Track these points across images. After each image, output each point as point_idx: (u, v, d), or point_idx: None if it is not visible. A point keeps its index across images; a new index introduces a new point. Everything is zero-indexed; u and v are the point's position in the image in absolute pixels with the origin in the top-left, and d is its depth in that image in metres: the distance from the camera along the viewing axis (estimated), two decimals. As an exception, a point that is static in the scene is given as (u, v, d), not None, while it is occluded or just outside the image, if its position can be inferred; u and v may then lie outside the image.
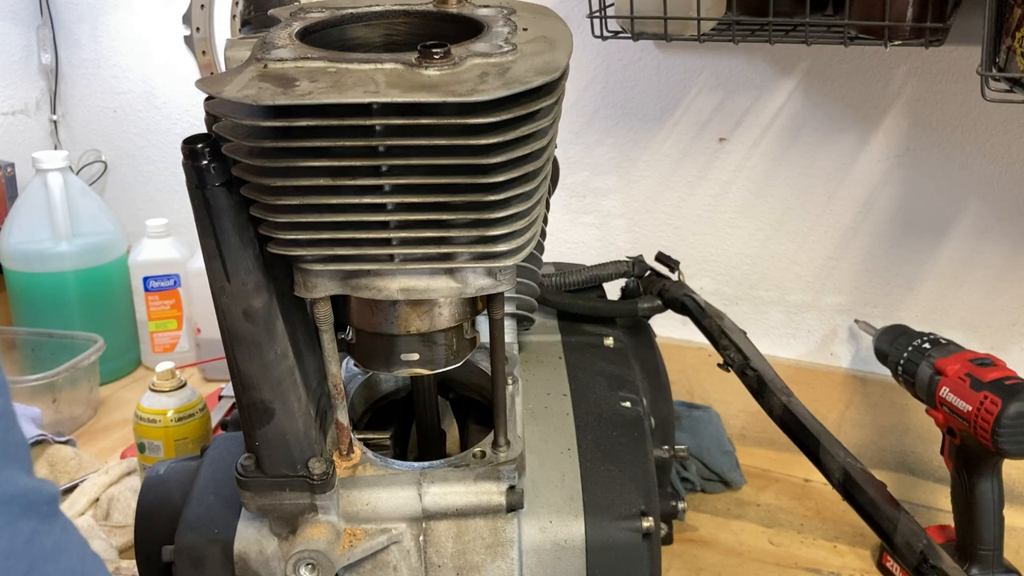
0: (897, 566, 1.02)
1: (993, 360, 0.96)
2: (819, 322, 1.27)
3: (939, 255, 1.17)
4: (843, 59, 1.15)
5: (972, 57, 1.01)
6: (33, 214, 1.41)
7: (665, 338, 1.12)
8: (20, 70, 1.63)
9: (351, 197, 0.57)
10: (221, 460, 0.76)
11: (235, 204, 0.58)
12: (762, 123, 1.22)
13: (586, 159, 1.32)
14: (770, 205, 1.25)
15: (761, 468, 1.24)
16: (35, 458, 1.18)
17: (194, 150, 0.56)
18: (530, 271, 0.87)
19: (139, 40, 1.58)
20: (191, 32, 1.51)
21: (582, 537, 0.69)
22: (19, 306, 1.45)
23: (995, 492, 0.96)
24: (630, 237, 1.34)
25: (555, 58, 0.58)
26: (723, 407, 1.27)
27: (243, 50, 0.61)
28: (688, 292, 1.00)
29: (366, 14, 0.68)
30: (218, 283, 0.60)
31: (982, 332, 1.17)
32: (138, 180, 1.67)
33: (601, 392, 0.83)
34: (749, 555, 1.08)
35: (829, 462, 0.83)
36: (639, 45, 1.23)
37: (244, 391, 0.64)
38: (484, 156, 0.55)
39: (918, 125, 1.14)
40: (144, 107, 1.62)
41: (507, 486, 0.68)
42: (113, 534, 1.06)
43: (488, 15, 0.65)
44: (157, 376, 1.10)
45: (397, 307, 0.65)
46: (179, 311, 1.48)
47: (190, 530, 0.70)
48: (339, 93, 0.53)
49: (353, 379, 0.80)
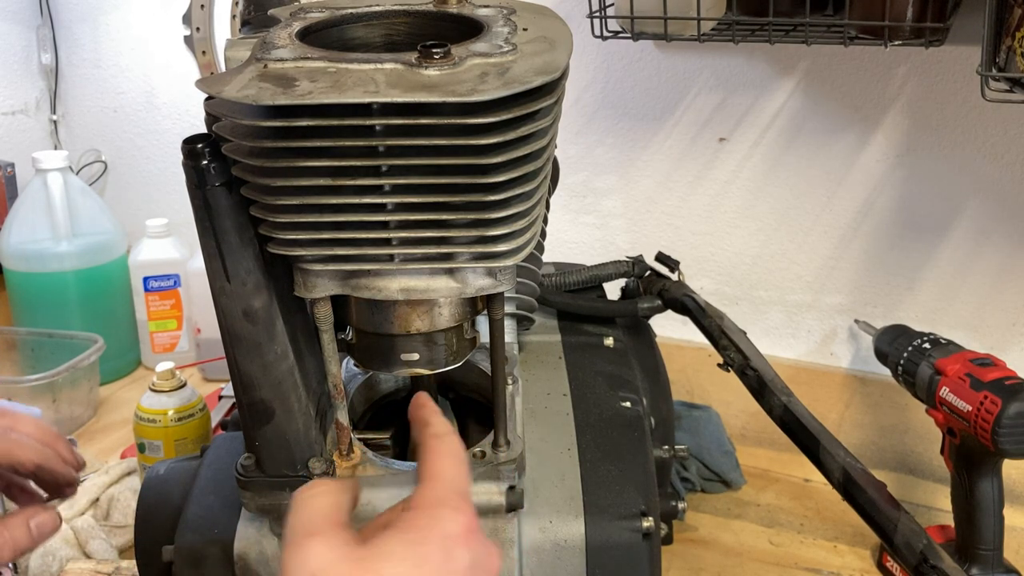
0: (897, 566, 1.02)
1: (993, 360, 0.96)
2: (819, 322, 1.27)
3: (939, 255, 1.17)
4: (843, 59, 1.15)
5: (972, 57, 1.01)
6: (33, 214, 1.41)
7: (665, 338, 1.12)
8: (20, 70, 1.63)
9: (351, 197, 0.57)
10: (221, 460, 0.76)
11: (235, 204, 0.58)
12: (762, 123, 1.22)
13: (586, 159, 1.32)
14: (770, 205, 1.25)
15: (761, 468, 1.24)
16: (35, 458, 1.18)
17: (194, 150, 0.56)
18: (530, 271, 0.87)
19: (139, 40, 1.58)
20: (191, 32, 1.51)
21: (582, 537, 0.69)
22: (19, 306, 1.45)
23: (995, 492, 0.96)
24: (630, 237, 1.34)
25: (555, 58, 0.58)
26: (723, 407, 1.27)
27: (243, 50, 0.61)
28: (688, 292, 1.00)
29: (366, 14, 0.68)
30: (218, 283, 0.60)
31: (982, 332, 1.17)
32: (138, 180, 1.67)
33: (601, 392, 0.83)
34: (749, 555, 1.08)
35: (829, 462, 0.83)
36: (639, 45, 1.23)
37: (244, 391, 0.64)
38: (484, 156, 0.55)
39: (918, 125, 1.14)
40: (144, 107, 1.62)
41: (507, 486, 0.68)
42: (113, 534, 1.06)
43: (488, 15, 0.65)
44: (157, 376, 1.10)
45: (397, 307, 0.65)
46: (179, 311, 1.48)
47: (190, 530, 0.70)
48: (339, 93, 0.53)
49: (353, 379, 0.80)
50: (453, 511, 0.52)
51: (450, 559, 0.50)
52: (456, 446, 0.57)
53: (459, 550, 0.50)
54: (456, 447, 0.57)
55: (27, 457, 0.71)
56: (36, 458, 0.72)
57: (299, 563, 0.48)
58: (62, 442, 0.75)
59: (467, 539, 0.51)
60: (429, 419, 0.60)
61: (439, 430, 0.58)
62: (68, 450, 0.75)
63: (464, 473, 0.56)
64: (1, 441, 0.71)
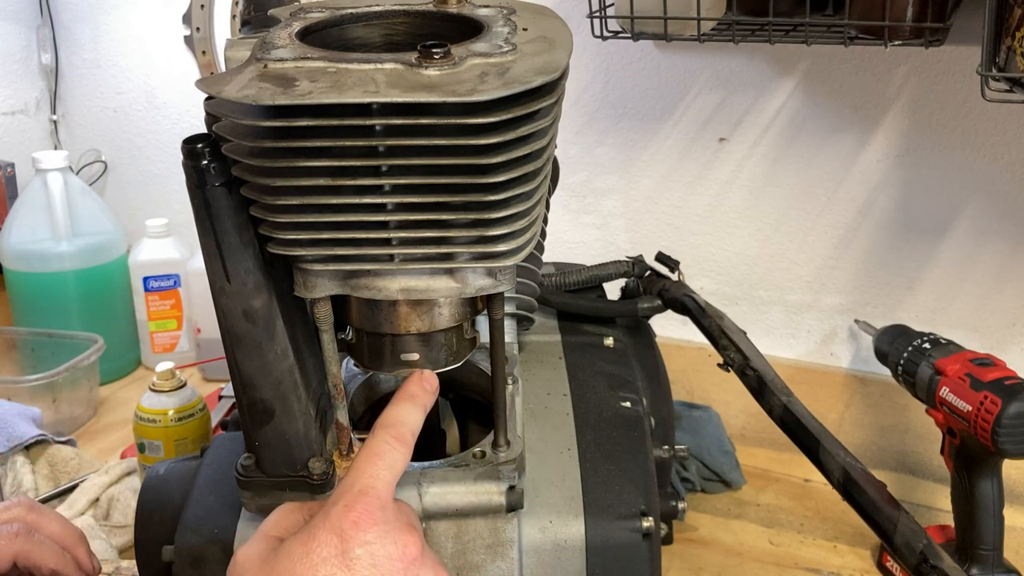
0: (897, 566, 1.02)
1: (993, 360, 0.96)
2: (819, 322, 1.27)
3: (939, 255, 1.17)
4: (843, 59, 1.15)
5: (972, 57, 1.01)
6: (33, 214, 1.41)
7: (665, 338, 1.12)
8: (20, 70, 1.63)
9: (351, 197, 0.57)
10: (221, 460, 0.76)
11: (235, 204, 0.58)
12: (762, 123, 1.22)
13: (586, 159, 1.32)
14: (770, 205, 1.25)
15: (761, 468, 1.24)
16: (35, 458, 1.18)
17: (194, 150, 0.56)
18: (530, 271, 0.87)
19: (139, 40, 1.58)
20: (191, 32, 1.51)
21: (582, 537, 0.69)
22: (19, 306, 1.45)
23: (995, 492, 0.96)
24: (630, 237, 1.34)
25: (555, 58, 0.58)
26: (723, 407, 1.27)
27: (243, 50, 0.61)
28: (688, 292, 1.00)
29: (366, 14, 0.68)
30: (218, 283, 0.60)
31: (982, 332, 1.17)
32: (138, 180, 1.67)
33: (601, 392, 0.83)
34: (749, 555, 1.08)
35: (829, 462, 0.83)
36: (639, 45, 1.23)
37: (244, 391, 0.64)
38: (484, 156, 0.55)
39: (918, 125, 1.14)
40: (144, 107, 1.62)
41: (507, 486, 0.68)
42: (113, 534, 1.06)
43: (488, 15, 0.65)
44: (157, 376, 1.10)
45: (397, 307, 0.65)
46: (179, 311, 1.48)
47: (190, 530, 0.70)
48: (339, 93, 0.53)
49: (353, 379, 0.80)
50: (344, 508, 0.57)
51: (334, 551, 0.55)
52: (377, 444, 0.60)
53: (347, 543, 0.56)
54: (376, 445, 0.60)
55: (45, 562, 0.74)
56: (54, 564, 0.74)
57: (230, 569, 0.59)
58: (83, 546, 0.77)
59: (355, 530, 0.56)
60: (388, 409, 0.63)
61: (382, 421, 0.62)
62: (87, 555, 0.77)
63: (379, 468, 0.59)
64: (25, 541, 0.73)
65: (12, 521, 0.74)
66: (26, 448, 1.17)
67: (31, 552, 0.73)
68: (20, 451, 1.16)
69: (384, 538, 0.56)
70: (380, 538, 0.56)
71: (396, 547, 0.56)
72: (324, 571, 0.55)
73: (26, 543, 0.73)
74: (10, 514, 0.74)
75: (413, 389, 0.64)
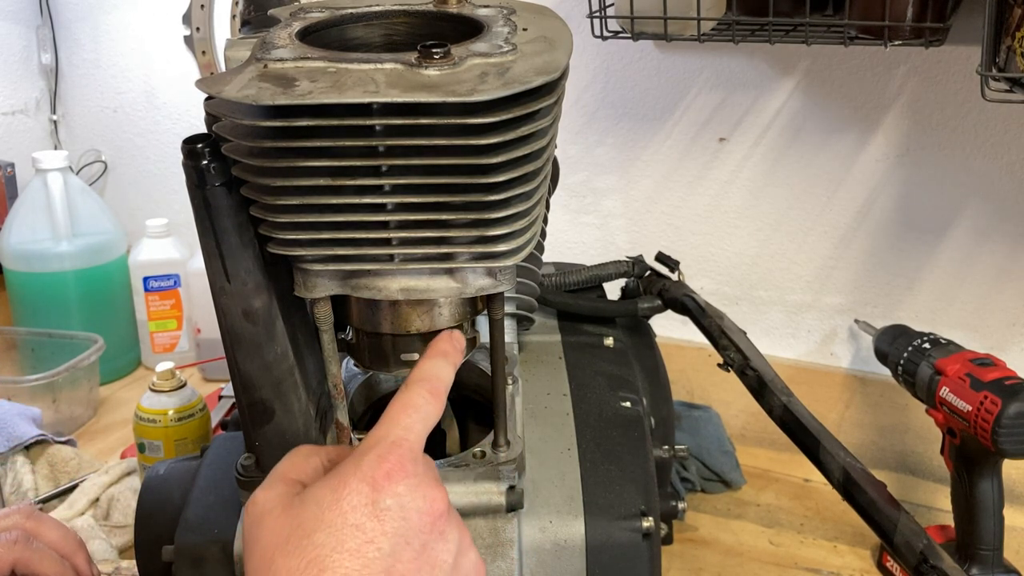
0: (897, 566, 1.02)
1: (993, 360, 0.96)
2: (819, 322, 1.27)
3: (939, 255, 1.17)
4: (843, 59, 1.15)
5: (972, 57, 1.01)
6: (33, 214, 1.41)
7: (665, 338, 1.12)
8: (20, 70, 1.63)
9: (351, 197, 0.57)
10: (221, 460, 0.76)
11: (235, 204, 0.58)
12: (762, 123, 1.22)
13: (586, 159, 1.32)
14: (770, 205, 1.25)
15: (761, 468, 1.24)
16: (35, 458, 1.18)
17: (194, 150, 0.56)
18: (530, 271, 0.87)
19: (139, 40, 1.58)
20: (191, 32, 1.51)
21: (582, 537, 0.69)
22: (19, 306, 1.45)
23: (995, 492, 0.96)
24: (630, 237, 1.34)
25: (555, 58, 0.58)
26: (723, 407, 1.27)
27: (243, 50, 0.61)
28: (688, 292, 1.00)
29: (366, 14, 0.67)
30: (218, 283, 0.60)
31: (982, 332, 1.17)
32: (138, 180, 1.67)
33: (601, 392, 0.83)
34: (749, 555, 1.08)
35: (829, 462, 0.83)
36: (639, 45, 1.23)
37: (244, 391, 0.64)
38: (484, 156, 0.55)
39: (918, 125, 1.14)
40: (144, 107, 1.62)
41: (507, 486, 0.68)
42: (113, 534, 1.06)
43: (488, 15, 0.65)
44: (157, 376, 1.10)
45: (397, 307, 0.65)
46: (179, 311, 1.48)
47: (190, 530, 0.70)
48: (339, 93, 0.53)
49: (353, 379, 0.80)
50: (377, 457, 0.54)
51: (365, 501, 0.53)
52: (412, 396, 0.58)
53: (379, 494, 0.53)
54: (410, 397, 0.58)
55: (44, 570, 0.73)
56: (53, 572, 0.74)
57: (248, 509, 0.56)
58: (82, 554, 0.77)
59: (388, 481, 0.54)
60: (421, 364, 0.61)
61: (416, 376, 0.60)
62: (86, 562, 0.77)
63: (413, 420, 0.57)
64: (23, 549, 0.73)
65: (11, 529, 0.74)
66: (26, 448, 1.17)
67: (30, 560, 0.73)
68: (20, 451, 1.16)
69: (414, 491, 0.55)
70: (410, 491, 0.54)
71: (425, 501, 0.55)
72: (353, 519, 0.53)
73: (25, 551, 0.73)
74: (9, 521, 0.74)
75: (444, 346, 0.62)
